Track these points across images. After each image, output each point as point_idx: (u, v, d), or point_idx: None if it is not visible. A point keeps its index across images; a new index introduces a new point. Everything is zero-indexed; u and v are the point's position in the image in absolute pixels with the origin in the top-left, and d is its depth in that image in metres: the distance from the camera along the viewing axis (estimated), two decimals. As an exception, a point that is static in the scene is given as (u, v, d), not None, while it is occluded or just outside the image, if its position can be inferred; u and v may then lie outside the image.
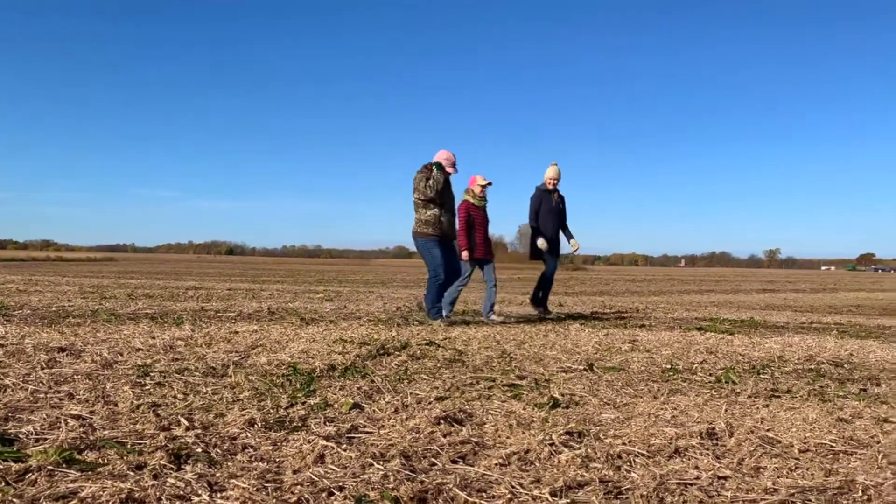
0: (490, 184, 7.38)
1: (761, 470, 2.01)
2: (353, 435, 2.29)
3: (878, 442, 2.33)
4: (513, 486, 1.77)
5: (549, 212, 8.11)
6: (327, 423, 2.41)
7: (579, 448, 2.15)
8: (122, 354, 3.93)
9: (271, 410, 2.59)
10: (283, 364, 3.74)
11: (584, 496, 1.73)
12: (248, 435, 2.23)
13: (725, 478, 1.92)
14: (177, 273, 27.02)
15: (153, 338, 4.68)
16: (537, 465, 2.01)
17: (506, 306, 10.14)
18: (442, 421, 2.48)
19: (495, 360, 4.25)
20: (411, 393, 3.02)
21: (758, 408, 2.90)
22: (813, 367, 4.33)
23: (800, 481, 1.90)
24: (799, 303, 17.20)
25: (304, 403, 2.74)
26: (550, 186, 8.14)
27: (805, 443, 2.31)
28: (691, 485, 1.84)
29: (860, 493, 1.79)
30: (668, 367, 4.13)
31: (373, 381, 3.28)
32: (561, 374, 3.76)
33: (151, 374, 3.35)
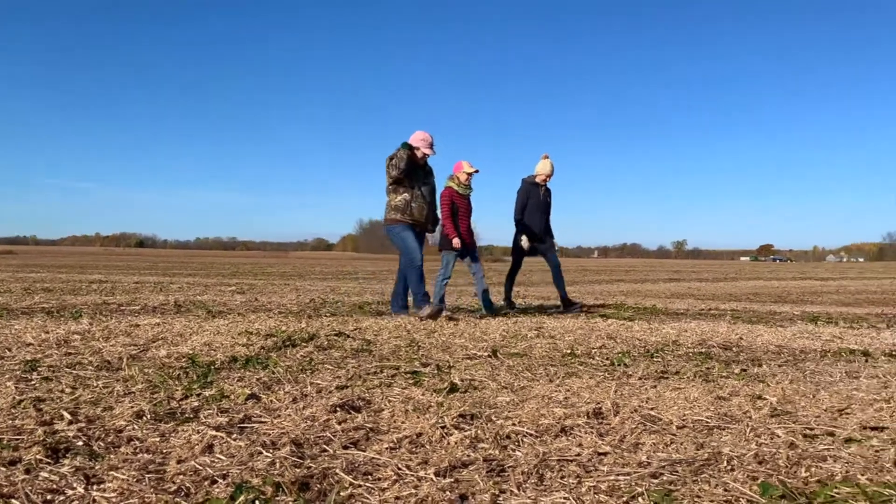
0: (477, 171, 7.02)
1: (640, 445, 2.12)
2: (245, 425, 2.27)
3: (750, 417, 2.49)
4: (399, 468, 1.81)
5: (536, 207, 7.83)
6: (220, 414, 2.38)
7: (470, 430, 2.21)
8: (9, 350, 3.75)
9: (163, 402, 2.53)
10: (183, 356, 3.65)
11: (467, 475, 1.79)
12: (135, 427, 2.18)
13: (605, 454, 2.02)
14: (82, 266, 25.77)
15: (46, 332, 4.47)
16: (428, 447, 2.06)
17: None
18: (339, 409, 2.49)
19: (403, 348, 4.28)
20: (312, 383, 3.01)
21: (646, 388, 3.04)
22: (704, 350, 4.56)
23: (673, 455, 2.02)
24: (701, 291, 18.01)
25: (198, 395, 2.69)
26: (541, 181, 7.84)
27: (683, 420, 2.44)
28: (571, 461, 1.92)
29: (725, 464, 1.91)
30: (569, 352, 4.27)
31: (274, 373, 3.25)
32: (465, 361, 3.82)
33: (39, 368, 3.21)
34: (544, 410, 2.53)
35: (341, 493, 1.62)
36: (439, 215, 6.89)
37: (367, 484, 1.70)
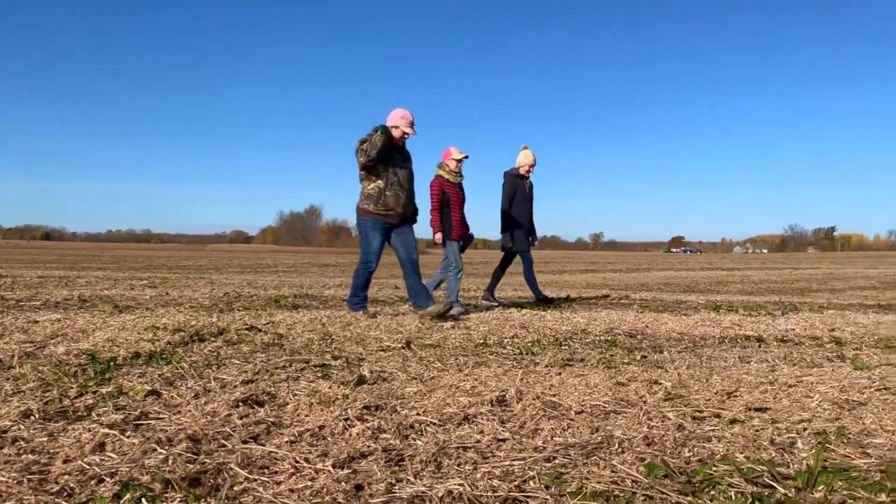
0: (467, 157, 6.73)
1: (538, 431, 2.18)
2: (141, 422, 2.20)
3: (645, 402, 2.60)
4: (297, 461, 1.80)
5: (523, 200, 7.59)
6: (115, 412, 2.30)
7: (373, 421, 2.22)
8: None
9: (55, 401, 2.43)
10: (83, 353, 3.50)
11: (366, 465, 1.80)
12: (22, 427, 2.08)
13: (504, 440, 2.07)
14: (-22, 260, 24.27)
15: (-70, 331, 4.20)
16: (329, 439, 2.05)
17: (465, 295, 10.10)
18: (241, 403, 2.45)
19: (316, 342, 4.24)
20: (216, 378, 2.95)
21: (551, 376, 3.13)
22: (610, 338, 4.72)
23: (569, 439, 2.09)
24: (616, 281, 18.59)
25: (94, 393, 2.60)
26: (524, 173, 7.60)
27: (582, 405, 2.53)
28: (470, 448, 1.96)
29: (616, 447, 2.00)
30: (482, 342, 4.33)
31: (178, 368, 3.16)
32: (379, 353, 3.83)
33: (-81, 369, 3.02)
34: (450, 400, 2.56)
35: (234, 488, 1.60)
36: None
37: (262, 478, 1.68)
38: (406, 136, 5.74)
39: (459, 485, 1.64)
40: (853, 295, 15.22)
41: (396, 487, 1.64)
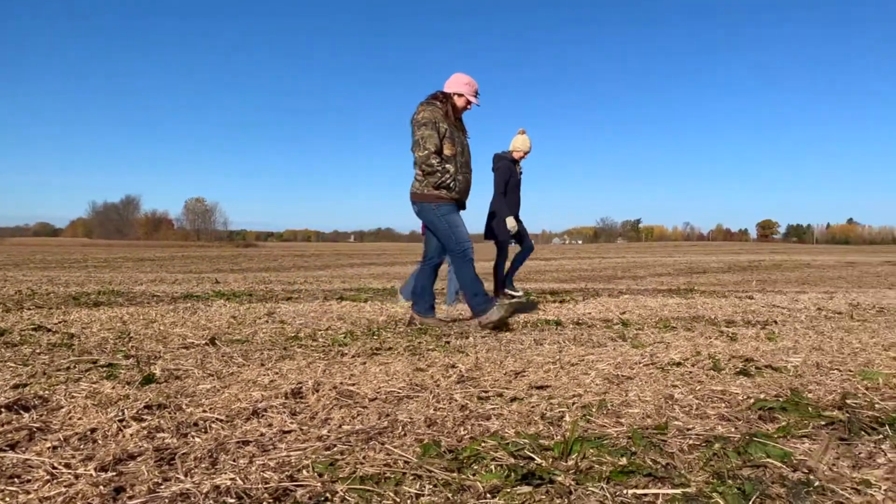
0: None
1: (328, 421, 2.20)
2: None
3: (438, 385, 2.71)
4: (55, 468, 1.68)
5: (516, 185, 7.31)
6: None
7: (152, 420, 2.12)
8: None
9: None
10: None
11: (133, 466, 1.71)
12: None
13: (290, 431, 2.06)
14: None
15: None
16: (99, 442, 1.93)
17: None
18: (5, 409, 2.24)
19: (111, 341, 3.96)
20: (-19, 383, 2.67)
21: (355, 365, 3.16)
22: (425, 326, 4.84)
23: (357, 426, 2.12)
24: (444, 272, 19.17)
25: None
26: (518, 157, 7.30)
27: (377, 392, 2.58)
28: (250, 442, 1.93)
29: (399, 430, 2.06)
30: (294, 335, 4.28)
31: (-65, 375, 2.83)
32: (180, 350, 3.66)
33: None
34: (242, 395, 2.51)
35: (-28, 502, 1.47)
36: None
37: (10, 488, 1.55)
38: (469, 106, 4.95)
39: (231, 479, 1.62)
40: (651, 281, 16.79)
41: (162, 487, 1.58)
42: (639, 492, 1.57)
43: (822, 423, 2.16)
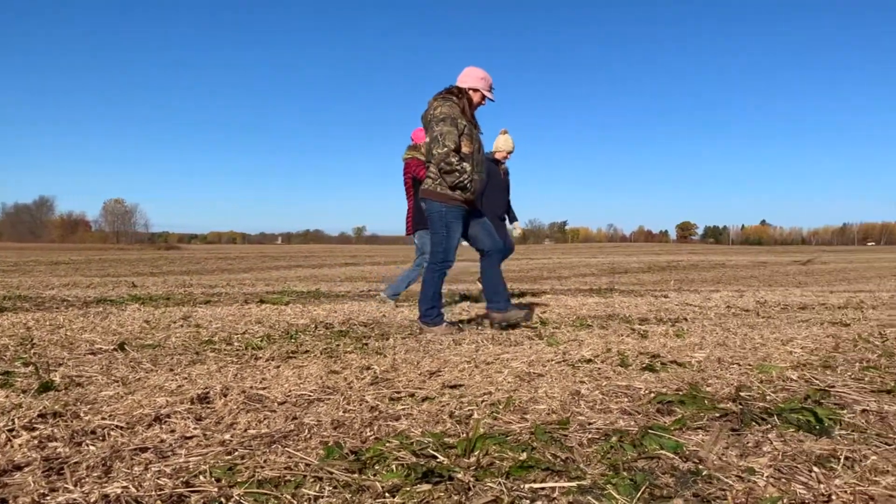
0: None
1: (234, 425, 2.16)
2: None
3: (351, 387, 2.69)
4: (-68, 483, 1.59)
5: (498, 187, 6.93)
6: None
7: (45, 430, 2.03)
8: None
9: None
10: None
11: (20, 478, 1.64)
12: None
13: (191, 437, 2.01)
14: None
15: None
16: (-16, 454, 1.84)
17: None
18: None
19: (12, 348, 3.77)
20: None
21: (269, 369, 3.11)
22: (345, 328, 4.81)
23: (262, 430, 2.09)
24: (373, 274, 19.07)
25: None
26: (501, 158, 6.99)
27: (288, 396, 2.54)
28: (148, 449, 1.88)
29: (305, 433, 2.04)
30: (208, 339, 4.17)
31: None
32: (86, 357, 3.51)
33: None
34: (146, 401, 2.43)
35: None
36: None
37: None
38: (484, 101, 4.79)
39: (124, 487, 1.57)
40: (575, 281, 17.17)
41: (48, 498, 1.52)
42: (536, 486, 1.61)
43: (717, 415, 2.26)
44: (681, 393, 2.54)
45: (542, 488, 1.60)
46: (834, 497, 1.58)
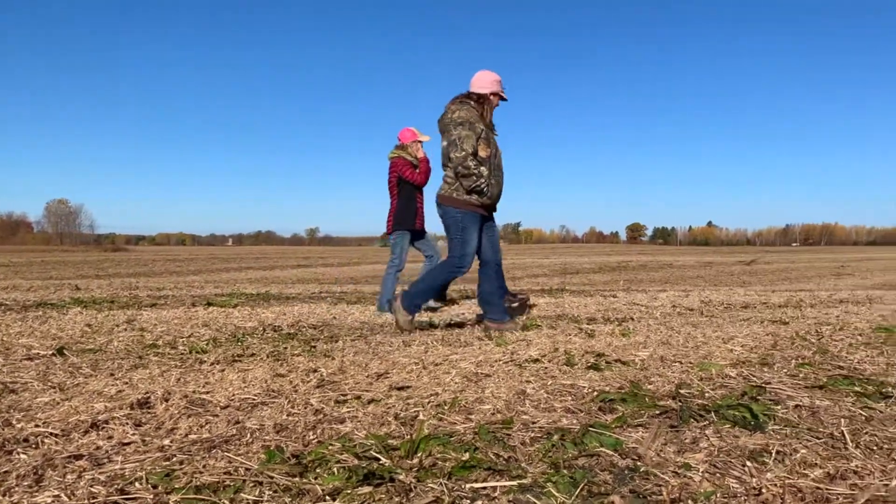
0: (429, 139, 6.11)
1: (174, 430, 2.11)
2: None
3: (297, 391, 2.67)
4: None
5: None
6: None
7: (-29, 439, 1.96)
8: None
9: None
10: None
11: (-57, 490, 1.58)
12: None
13: (129, 444, 1.97)
14: None
15: None
16: None
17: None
18: None
19: (-57, 355, 3.63)
20: None
21: (213, 373, 3.05)
22: (294, 331, 4.77)
23: (203, 435, 2.06)
24: (326, 276, 18.92)
25: None
26: None
27: (231, 400, 2.51)
28: (83, 457, 1.83)
29: (247, 437, 2.01)
30: (152, 343, 4.08)
31: None
32: (22, 362, 3.40)
33: None
34: (84, 407, 2.37)
35: None
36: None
37: None
38: (498, 103, 4.82)
39: (54, 496, 1.53)
40: (528, 282, 17.34)
41: (-27, 510, 1.47)
42: (477, 485, 1.62)
43: (657, 412, 2.31)
44: (623, 391, 2.59)
45: (484, 488, 1.61)
46: (764, 490, 1.63)
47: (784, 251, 65.84)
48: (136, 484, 1.61)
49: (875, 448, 1.94)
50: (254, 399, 2.53)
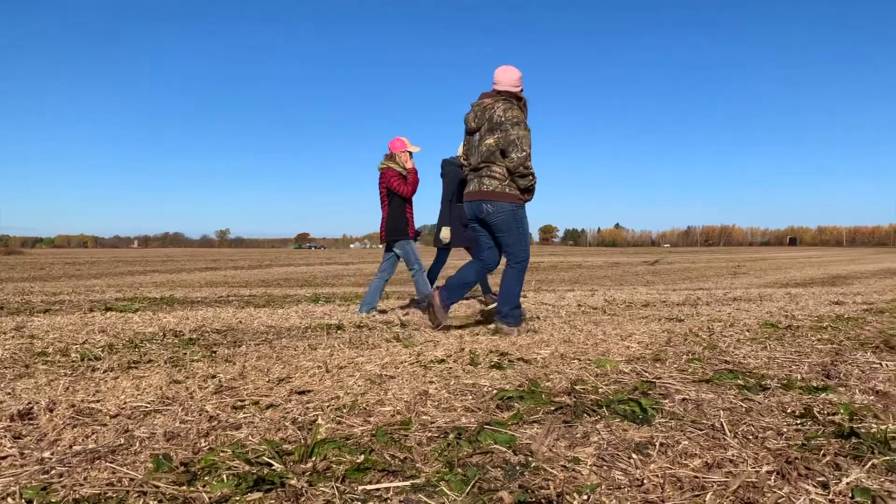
0: (419, 149, 6.13)
1: (57, 442, 2.02)
2: None
3: (193, 397, 2.59)
4: None
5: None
6: None
7: None
8: None
9: None
10: None
11: None
12: None
13: (5, 457, 1.86)
14: None
15: None
16: None
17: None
18: None
19: None
20: None
21: (105, 381, 2.93)
22: (196, 336, 4.63)
23: (89, 446, 1.98)
24: (236, 279, 18.40)
25: None
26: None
27: (122, 408, 2.42)
28: (-48, 473, 1.72)
29: (136, 446, 1.95)
30: (41, 351, 3.87)
31: None
32: None
33: None
34: (-43, 420, 2.23)
35: None
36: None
37: None
38: None
39: (-85, 517, 1.43)
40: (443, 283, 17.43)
41: None
42: (370, 487, 1.63)
43: (552, 408, 2.38)
44: (521, 389, 2.65)
45: (377, 489, 1.62)
46: (646, 481, 1.71)
47: (686, 251, 68.89)
48: (9, 499, 1.53)
49: (751, 437, 2.07)
50: (146, 407, 2.44)
